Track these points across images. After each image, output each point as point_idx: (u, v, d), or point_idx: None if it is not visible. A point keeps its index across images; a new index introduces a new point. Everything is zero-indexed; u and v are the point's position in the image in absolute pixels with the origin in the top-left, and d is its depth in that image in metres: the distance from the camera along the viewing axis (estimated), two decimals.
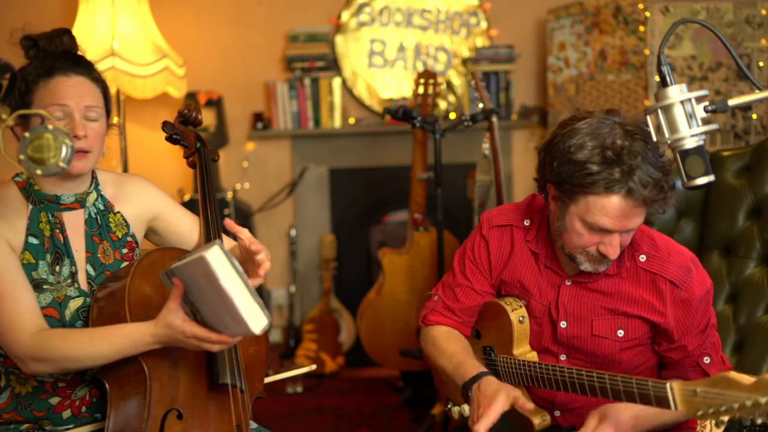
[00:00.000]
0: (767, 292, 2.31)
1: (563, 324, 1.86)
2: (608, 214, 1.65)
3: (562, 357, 1.90)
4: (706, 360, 1.84)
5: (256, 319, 1.47)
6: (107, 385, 1.68)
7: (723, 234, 2.43)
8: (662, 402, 1.52)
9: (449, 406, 2.02)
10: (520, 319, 1.90)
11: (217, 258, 1.45)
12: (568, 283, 1.85)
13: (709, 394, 1.43)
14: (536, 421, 1.88)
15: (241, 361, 1.74)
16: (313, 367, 2.18)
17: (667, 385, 1.51)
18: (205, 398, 1.70)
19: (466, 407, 1.88)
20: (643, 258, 1.81)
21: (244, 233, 1.65)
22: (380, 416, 3.57)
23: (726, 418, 1.40)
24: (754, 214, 2.39)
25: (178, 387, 1.68)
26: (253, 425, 1.85)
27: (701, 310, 1.82)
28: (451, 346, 1.92)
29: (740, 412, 1.38)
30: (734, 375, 1.42)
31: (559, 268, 1.87)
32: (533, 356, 1.90)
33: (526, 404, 1.72)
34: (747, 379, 1.40)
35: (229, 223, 1.66)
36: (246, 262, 1.67)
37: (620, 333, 1.83)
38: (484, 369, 1.82)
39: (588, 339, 1.85)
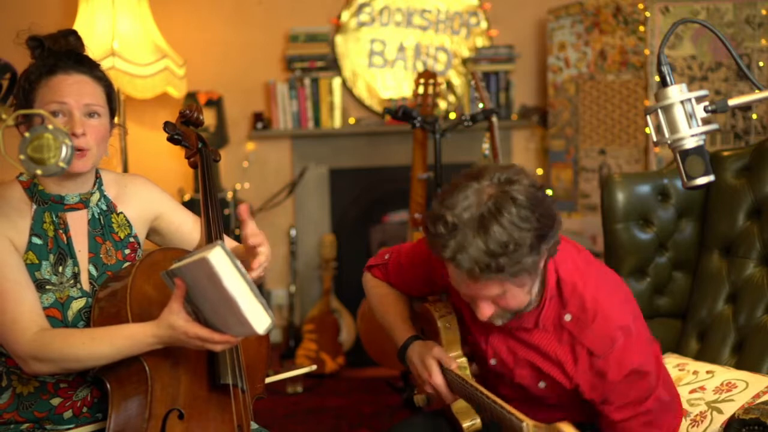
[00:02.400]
0: (767, 292, 2.31)
1: (493, 361, 1.81)
2: (455, 281, 1.58)
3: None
4: None
5: (259, 319, 1.47)
6: (108, 385, 1.67)
7: (723, 234, 2.43)
8: None
9: (415, 392, 2.07)
10: (447, 326, 1.87)
11: (219, 259, 1.44)
12: (498, 323, 1.71)
13: None
14: (465, 423, 1.85)
15: (242, 361, 1.74)
16: (314, 367, 2.18)
17: (524, 424, 1.43)
18: (207, 398, 1.70)
19: (420, 397, 1.99)
20: (568, 318, 1.68)
21: (249, 226, 1.64)
22: (380, 416, 3.57)
23: None
24: (754, 214, 2.39)
25: (179, 387, 1.68)
26: (254, 426, 1.85)
27: (621, 389, 1.66)
28: (391, 306, 1.99)
29: None
30: (565, 427, 1.32)
31: None
32: (462, 361, 1.86)
33: (451, 363, 1.76)
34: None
35: (244, 210, 1.62)
36: (247, 256, 1.67)
37: (541, 385, 1.75)
38: (408, 335, 1.89)
39: (513, 384, 1.80)
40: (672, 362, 2.27)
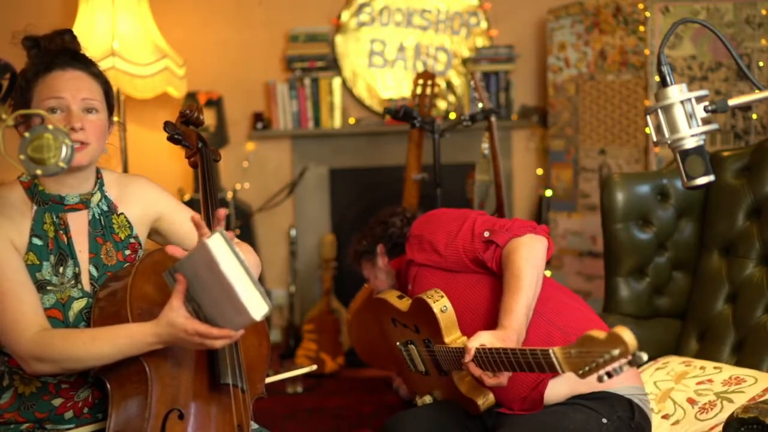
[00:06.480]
0: (767, 292, 2.31)
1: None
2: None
3: None
4: (486, 234, 2.04)
5: (256, 305, 1.47)
6: (108, 385, 1.67)
7: (723, 234, 2.43)
8: (552, 367, 1.60)
9: (416, 399, 2.19)
10: (443, 309, 1.97)
11: (218, 244, 1.46)
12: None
13: (580, 353, 1.52)
14: (480, 401, 1.97)
15: (242, 361, 1.74)
16: (314, 367, 2.18)
17: (550, 351, 1.60)
18: (207, 398, 1.70)
19: (426, 397, 2.15)
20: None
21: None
22: (380, 416, 3.57)
23: (603, 371, 1.46)
24: (754, 214, 2.40)
25: (179, 387, 1.68)
26: (254, 426, 1.85)
27: (433, 228, 2.17)
28: None
29: (604, 365, 1.45)
30: (593, 332, 1.49)
31: None
32: (463, 341, 1.96)
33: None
34: (602, 334, 1.47)
35: (197, 217, 1.57)
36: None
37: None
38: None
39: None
40: (677, 359, 2.28)
